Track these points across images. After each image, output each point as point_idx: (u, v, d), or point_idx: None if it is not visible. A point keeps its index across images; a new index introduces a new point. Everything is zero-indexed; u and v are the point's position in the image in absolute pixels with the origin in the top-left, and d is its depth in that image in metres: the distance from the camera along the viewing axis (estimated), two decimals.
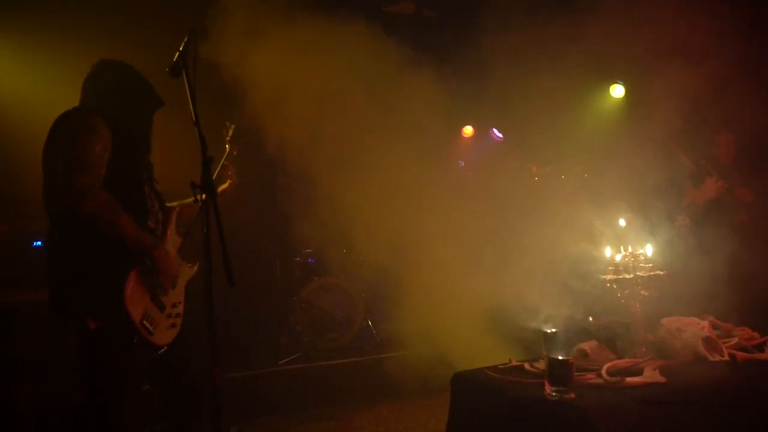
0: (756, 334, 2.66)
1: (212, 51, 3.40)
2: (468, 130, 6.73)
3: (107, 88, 2.26)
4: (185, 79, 2.10)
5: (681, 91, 3.87)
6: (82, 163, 2.02)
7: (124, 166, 2.17)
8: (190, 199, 2.48)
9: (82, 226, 2.04)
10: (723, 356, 2.37)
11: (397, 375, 4.43)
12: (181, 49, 2.15)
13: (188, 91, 2.07)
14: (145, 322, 2.11)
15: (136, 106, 2.30)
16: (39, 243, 3.76)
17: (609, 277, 2.61)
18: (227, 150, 2.76)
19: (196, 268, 2.47)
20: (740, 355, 2.42)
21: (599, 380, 2.18)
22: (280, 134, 4.80)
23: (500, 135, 6.65)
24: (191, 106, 2.04)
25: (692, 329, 2.50)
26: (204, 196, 1.90)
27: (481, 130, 6.77)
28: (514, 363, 2.55)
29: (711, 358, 2.35)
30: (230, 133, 2.79)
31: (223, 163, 2.69)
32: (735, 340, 2.55)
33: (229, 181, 2.70)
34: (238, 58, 3.78)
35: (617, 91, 5.51)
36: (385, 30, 4.45)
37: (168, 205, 2.43)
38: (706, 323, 2.57)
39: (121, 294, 2.04)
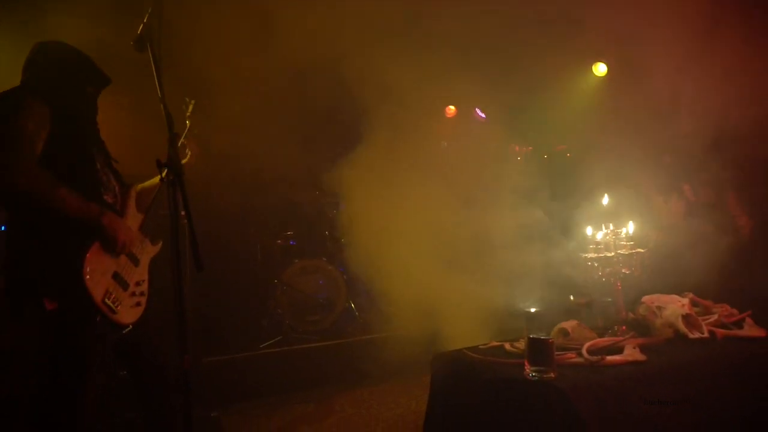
0: (735, 311, 2.66)
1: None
2: (451, 110, 6.65)
3: (46, 68, 2.21)
4: (150, 53, 2.01)
5: (664, 71, 3.83)
6: (9, 142, 1.95)
7: (69, 140, 2.10)
8: (152, 181, 2.44)
9: (28, 205, 1.97)
10: (703, 333, 2.37)
11: (379, 357, 4.41)
12: (145, 21, 2.06)
13: (153, 66, 1.98)
14: (107, 300, 2.05)
15: (76, 83, 2.25)
16: (3, 228, 3.63)
17: (590, 255, 2.59)
18: (187, 126, 2.69)
19: (159, 246, 2.41)
20: (719, 332, 2.42)
21: (580, 359, 2.16)
22: (257, 114, 4.71)
23: (483, 115, 6.58)
24: (156, 82, 1.95)
25: (672, 307, 2.49)
26: (170, 174, 1.82)
27: (465, 110, 6.70)
28: (495, 343, 2.53)
29: (691, 336, 2.34)
30: (190, 109, 2.73)
31: (183, 140, 2.62)
32: (714, 317, 2.55)
33: (189, 156, 2.64)
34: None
35: (600, 69, 5.47)
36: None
37: (127, 183, 2.37)
38: (686, 301, 2.56)
39: (79, 272, 1.97)
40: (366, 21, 4.26)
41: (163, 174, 1.84)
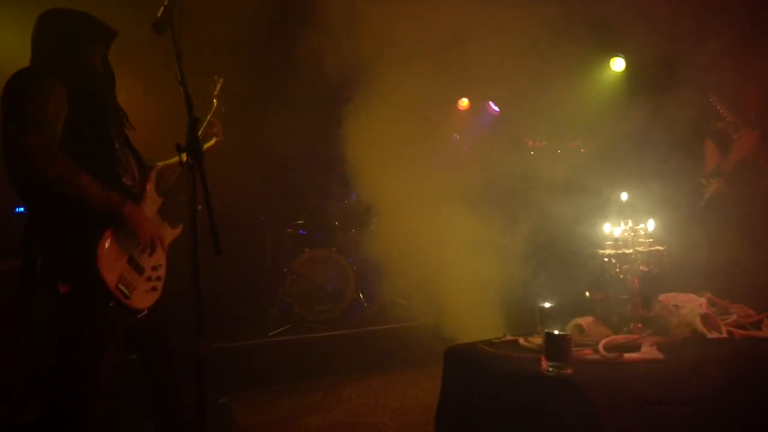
0: (752, 312, 2.63)
1: None
2: (464, 103, 6.61)
3: (51, 41, 2.13)
4: (171, 36, 1.99)
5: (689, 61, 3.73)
6: (33, 124, 1.91)
7: (86, 120, 2.06)
8: (173, 160, 2.40)
9: (46, 189, 1.93)
10: (721, 333, 2.33)
11: (388, 348, 4.42)
12: (166, 3, 2.03)
13: (174, 48, 1.95)
14: (120, 285, 2.03)
15: (83, 47, 2.17)
16: (21, 209, 3.65)
17: (608, 251, 2.56)
18: (214, 105, 2.63)
19: (179, 230, 2.37)
20: (737, 332, 2.39)
21: (596, 356, 2.14)
22: (275, 102, 4.69)
23: (497, 108, 6.53)
24: (177, 64, 1.93)
25: (689, 306, 2.46)
26: (190, 159, 1.81)
27: (478, 103, 6.65)
28: (509, 337, 2.51)
29: (709, 335, 2.31)
30: (218, 87, 2.66)
31: (209, 120, 2.56)
32: (733, 317, 2.52)
33: (215, 139, 2.58)
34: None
35: (617, 64, 5.39)
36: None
37: (148, 164, 2.34)
38: (703, 300, 2.53)
39: (93, 256, 1.95)
40: (381, 11, 4.23)
41: (183, 158, 1.82)
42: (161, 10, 2.01)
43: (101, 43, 2.25)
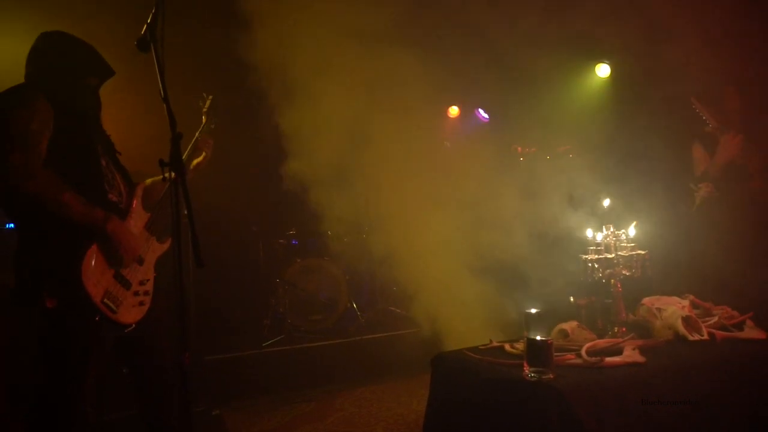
0: (735, 313, 2.66)
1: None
2: (454, 111, 6.66)
3: (49, 62, 2.17)
4: (153, 53, 2.02)
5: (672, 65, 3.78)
6: (17, 141, 1.95)
7: (72, 138, 2.09)
8: (160, 177, 2.43)
9: (31, 205, 1.97)
10: (702, 335, 2.37)
11: (380, 357, 4.43)
12: (149, 21, 2.07)
13: (156, 66, 1.99)
14: (106, 300, 2.05)
15: (79, 75, 2.22)
16: (11, 225, 3.66)
17: (591, 256, 2.59)
18: (203, 122, 2.66)
19: (167, 245, 2.40)
20: (719, 334, 2.42)
21: (579, 360, 2.16)
22: (266, 113, 4.71)
23: (486, 115, 6.59)
24: (159, 81, 1.96)
25: (672, 308, 2.50)
26: (173, 174, 1.84)
27: (467, 111, 6.71)
28: (495, 344, 2.53)
29: (691, 338, 2.34)
30: (207, 104, 2.69)
31: (198, 136, 2.60)
32: (715, 319, 2.55)
33: (204, 155, 2.61)
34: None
35: (603, 70, 5.45)
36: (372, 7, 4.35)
37: (135, 181, 2.37)
38: (686, 302, 2.57)
39: (78, 271, 1.98)
40: (366, 20, 4.27)
41: (166, 173, 1.85)
42: (144, 28, 2.06)
43: (96, 77, 2.29)
